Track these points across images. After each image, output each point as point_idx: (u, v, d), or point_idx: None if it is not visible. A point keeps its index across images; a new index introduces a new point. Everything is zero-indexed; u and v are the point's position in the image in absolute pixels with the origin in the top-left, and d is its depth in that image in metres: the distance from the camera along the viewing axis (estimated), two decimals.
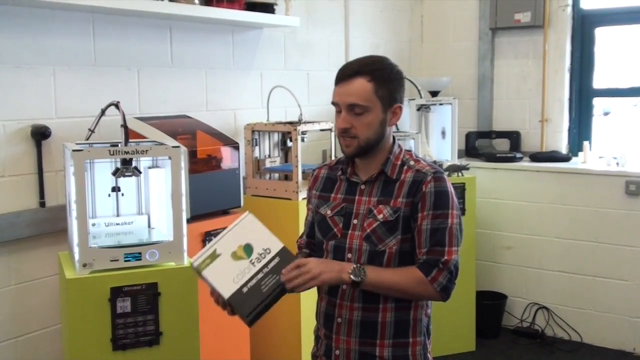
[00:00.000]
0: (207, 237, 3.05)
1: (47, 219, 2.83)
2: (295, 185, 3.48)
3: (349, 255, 1.99)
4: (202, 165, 3.06)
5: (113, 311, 2.28)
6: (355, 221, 2.01)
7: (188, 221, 2.93)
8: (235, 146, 3.19)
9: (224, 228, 3.14)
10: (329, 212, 2.07)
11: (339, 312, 2.01)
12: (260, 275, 1.83)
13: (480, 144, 5.11)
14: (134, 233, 2.54)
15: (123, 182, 2.52)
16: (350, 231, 2.01)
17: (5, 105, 2.73)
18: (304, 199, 3.24)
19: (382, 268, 1.95)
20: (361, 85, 1.92)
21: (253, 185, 3.67)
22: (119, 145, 2.32)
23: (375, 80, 1.93)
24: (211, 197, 3.08)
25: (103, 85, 3.10)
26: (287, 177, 3.66)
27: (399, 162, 2.01)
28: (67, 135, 2.90)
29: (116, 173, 2.31)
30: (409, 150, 2.08)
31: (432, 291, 1.91)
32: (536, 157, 4.81)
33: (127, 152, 2.26)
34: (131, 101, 3.26)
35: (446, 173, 4.34)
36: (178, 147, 2.32)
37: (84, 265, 2.25)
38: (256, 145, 3.68)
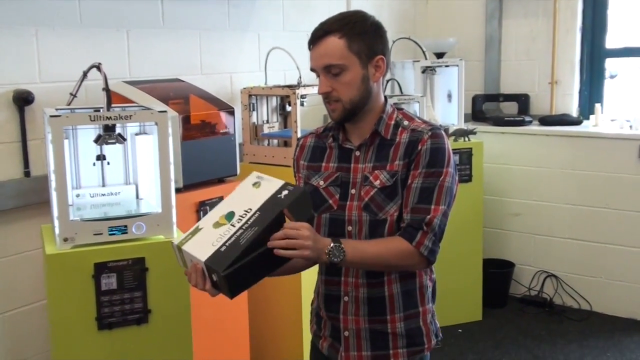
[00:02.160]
0: (202, 206, 2.91)
1: (32, 189, 2.69)
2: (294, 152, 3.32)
3: (349, 228, 1.86)
4: (195, 131, 2.92)
5: (97, 288, 2.15)
6: (353, 191, 1.88)
7: (181, 190, 2.83)
8: (230, 111, 3.04)
9: (220, 198, 3.06)
10: (321, 182, 1.93)
11: (344, 290, 1.89)
12: (239, 232, 1.63)
13: (488, 108, 4.98)
14: (121, 204, 2.39)
15: (109, 150, 2.37)
16: (348, 202, 1.87)
17: None
18: None
19: (364, 241, 1.81)
20: (332, 44, 1.80)
21: (251, 152, 3.54)
22: (101, 111, 2.16)
23: (347, 36, 1.80)
24: (206, 165, 2.95)
25: (90, 47, 2.93)
26: (286, 144, 3.54)
27: (393, 122, 1.88)
28: (52, 100, 2.74)
29: (98, 140, 2.16)
30: (401, 109, 1.94)
31: (418, 258, 1.78)
32: (546, 120, 4.67)
33: (109, 118, 2.11)
34: (120, 64, 3.11)
35: (452, 138, 4.24)
36: (164, 112, 2.16)
37: (65, 240, 2.11)
38: (254, 110, 3.54)
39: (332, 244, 1.70)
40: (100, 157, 2.35)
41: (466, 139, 4.26)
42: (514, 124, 4.68)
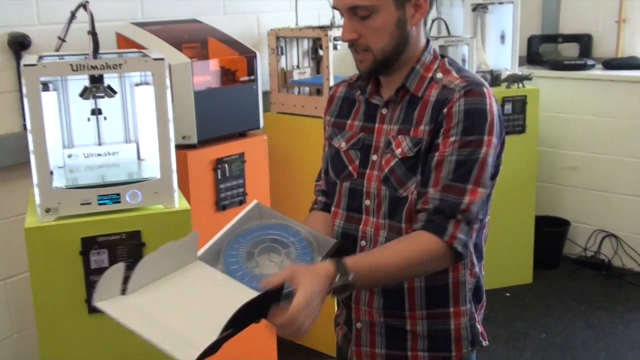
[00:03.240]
0: (219, 164, 2.61)
1: None
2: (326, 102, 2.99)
3: (367, 203, 1.54)
4: (213, 79, 2.60)
5: (86, 267, 1.87)
6: (374, 157, 1.54)
7: (195, 147, 2.55)
8: (252, 56, 2.71)
9: (241, 154, 2.76)
10: (343, 144, 1.60)
11: None
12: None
13: (545, 50, 4.58)
14: (120, 166, 2.10)
15: (105, 103, 2.06)
16: (368, 170, 1.54)
17: None
18: None
19: (374, 254, 1.45)
20: None
21: (279, 101, 3.23)
22: (86, 59, 1.83)
23: None
24: (224, 117, 2.66)
25: None
26: (318, 92, 3.26)
27: (430, 75, 1.51)
28: (52, 45, 2.44)
29: (84, 94, 1.85)
30: (445, 57, 1.55)
31: (449, 255, 1.43)
32: (610, 64, 4.28)
33: (94, 67, 1.78)
34: (131, 3, 2.84)
35: (505, 84, 3.84)
36: (161, 59, 1.82)
37: (47, 211, 1.82)
38: (282, 54, 3.24)
39: (335, 283, 1.33)
40: (95, 112, 2.04)
41: (520, 85, 3.89)
42: (574, 68, 4.30)
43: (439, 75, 1.50)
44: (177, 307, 1.32)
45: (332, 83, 3.03)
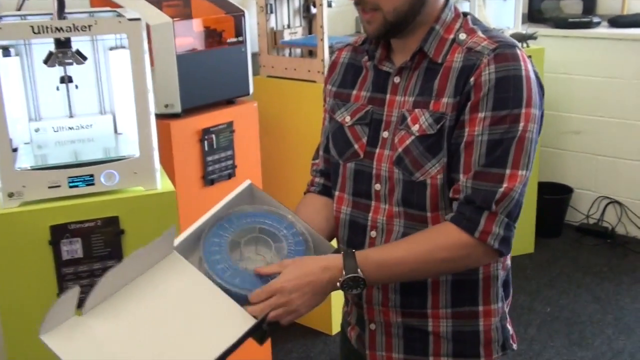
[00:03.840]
0: (206, 135, 2.38)
1: None
2: (320, 64, 2.84)
3: (377, 187, 1.32)
4: (197, 40, 2.35)
5: (57, 258, 1.64)
6: (385, 134, 1.32)
7: (179, 116, 2.32)
8: (239, 14, 2.47)
9: (229, 123, 2.53)
10: (347, 118, 1.37)
11: None
12: None
13: (547, 7, 4.38)
14: (94, 141, 1.86)
15: (76, 70, 1.81)
16: (378, 149, 1.32)
17: None
18: None
19: (393, 246, 1.28)
20: None
21: (269, 64, 3.01)
22: (51, 19, 1.58)
23: None
24: (210, 83, 2.43)
25: None
26: (311, 53, 3.02)
27: (451, 37, 1.27)
28: (12, 3, 2.17)
29: (48, 61, 1.60)
30: (468, 14, 1.32)
31: (483, 252, 1.22)
32: (617, 21, 4.09)
33: (59, 30, 1.53)
34: None
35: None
36: (137, 19, 1.57)
37: (10, 196, 1.58)
38: (272, 12, 2.99)
39: (344, 276, 1.21)
40: (65, 80, 1.79)
41: (525, 45, 3.67)
42: (578, 26, 4.11)
43: (462, 36, 1.27)
44: (141, 337, 1.11)
45: (327, 44, 2.79)
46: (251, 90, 2.58)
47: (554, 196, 4.19)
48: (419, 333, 1.36)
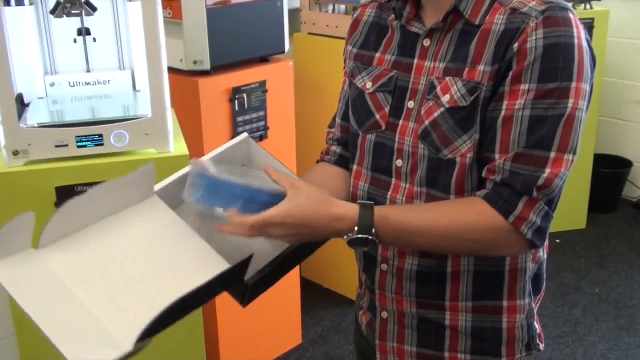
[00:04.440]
0: (236, 94, 2.27)
1: None
2: None
3: (398, 163, 1.18)
4: None
5: None
6: (410, 104, 1.17)
7: (209, 73, 2.21)
8: None
9: (262, 82, 2.41)
10: (369, 84, 1.23)
11: (382, 254, 1.22)
12: None
13: None
14: (112, 97, 1.76)
15: (93, 21, 1.71)
16: (401, 121, 1.17)
17: None
18: None
19: (412, 212, 1.12)
20: None
21: (310, 20, 2.86)
22: None
23: None
24: (242, 39, 2.29)
25: None
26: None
27: None
28: None
29: (55, 11, 1.50)
30: None
31: (516, 241, 1.08)
32: None
33: None
34: None
35: (570, 4, 3.37)
36: None
37: (15, 154, 1.50)
38: None
39: (354, 233, 1.07)
40: (82, 32, 1.69)
41: (588, 6, 3.43)
42: None
43: None
44: (103, 274, 0.98)
45: None
46: (287, 48, 2.44)
47: (611, 170, 3.96)
48: (435, 326, 1.23)
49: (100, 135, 1.54)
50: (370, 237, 1.06)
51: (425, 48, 1.16)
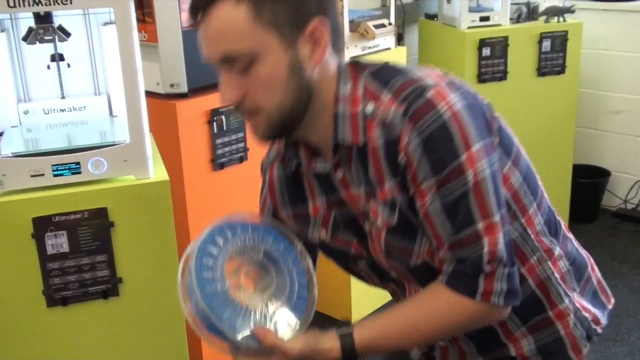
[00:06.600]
0: (215, 116, 2.24)
1: None
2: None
3: (394, 274, 1.24)
4: None
5: (41, 252, 1.52)
6: (366, 226, 1.20)
7: (186, 96, 2.18)
8: None
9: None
10: (323, 233, 1.25)
11: None
12: None
13: None
14: (89, 124, 1.73)
15: (68, 47, 1.68)
16: (370, 243, 1.21)
17: None
18: None
19: (384, 319, 1.18)
20: (226, 17, 1.04)
21: None
22: None
23: None
24: None
25: None
26: None
27: (359, 108, 1.12)
28: None
29: (28, 38, 1.47)
30: (361, 65, 1.16)
31: (489, 311, 1.12)
32: None
33: (37, 3, 1.39)
34: None
35: (543, 18, 3.39)
36: None
37: None
38: None
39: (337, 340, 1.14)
40: (56, 58, 1.66)
41: (561, 19, 3.45)
42: None
43: (370, 107, 1.10)
44: None
45: (347, 19, 2.63)
46: None
47: (590, 180, 4.01)
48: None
49: (78, 163, 1.51)
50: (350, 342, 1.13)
51: (342, 179, 1.17)
